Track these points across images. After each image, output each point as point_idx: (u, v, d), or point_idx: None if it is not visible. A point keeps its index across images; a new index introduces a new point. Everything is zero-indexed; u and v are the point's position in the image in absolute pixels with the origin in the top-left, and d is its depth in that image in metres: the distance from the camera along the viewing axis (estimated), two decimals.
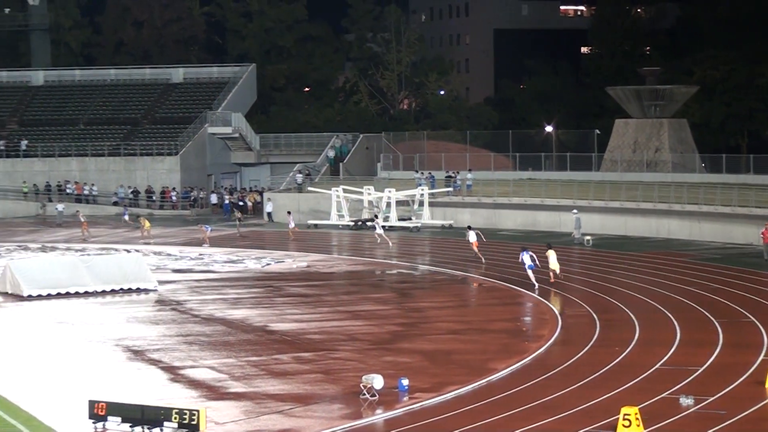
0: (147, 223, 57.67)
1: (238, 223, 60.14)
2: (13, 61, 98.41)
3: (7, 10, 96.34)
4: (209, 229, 55.12)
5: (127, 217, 64.01)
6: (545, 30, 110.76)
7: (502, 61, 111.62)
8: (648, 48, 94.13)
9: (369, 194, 61.90)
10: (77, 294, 37.39)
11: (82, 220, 58.82)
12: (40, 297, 36.66)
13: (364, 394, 22.48)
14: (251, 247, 52.90)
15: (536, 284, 37.20)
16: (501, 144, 73.73)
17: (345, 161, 74.10)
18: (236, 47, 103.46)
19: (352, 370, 25.09)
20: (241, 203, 73.02)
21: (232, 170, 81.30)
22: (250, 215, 69.96)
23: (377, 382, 22.41)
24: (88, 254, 47.26)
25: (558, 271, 38.15)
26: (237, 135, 77.61)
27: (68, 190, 74.36)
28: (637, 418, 19.35)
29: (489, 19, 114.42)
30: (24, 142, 77.07)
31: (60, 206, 68.15)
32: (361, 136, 77.56)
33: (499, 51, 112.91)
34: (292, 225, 56.29)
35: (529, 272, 37.44)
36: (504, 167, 70.93)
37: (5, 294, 37.47)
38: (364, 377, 22.75)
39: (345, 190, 62.21)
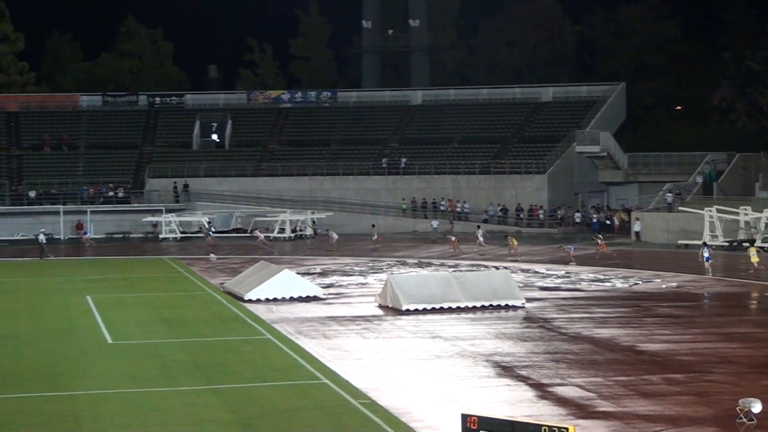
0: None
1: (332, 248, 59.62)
2: (395, 81, 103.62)
3: (390, 32, 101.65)
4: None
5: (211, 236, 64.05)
6: None
7: None
8: None
9: (746, 215, 59.68)
10: (449, 309, 38.78)
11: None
12: (416, 311, 38.38)
13: (741, 418, 21.87)
14: (619, 267, 52.56)
15: (710, 272, 47.34)
16: None
17: (719, 181, 71.86)
18: (606, 66, 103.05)
19: (727, 393, 24.45)
20: (608, 222, 72.75)
21: (599, 189, 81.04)
22: (616, 234, 69.53)
23: (755, 406, 21.72)
24: (460, 270, 48.86)
25: (757, 266, 47.36)
26: (605, 154, 77.29)
27: (442, 207, 77.06)
28: None
29: None
30: (403, 160, 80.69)
31: (434, 223, 70.87)
32: (737, 155, 74.83)
33: None
34: (706, 255, 49.51)
35: (706, 263, 47.84)
36: None
37: (386, 307, 39.54)
38: (740, 401, 22.13)
39: (719, 210, 60.33)
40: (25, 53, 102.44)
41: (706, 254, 48.44)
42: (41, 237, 62.28)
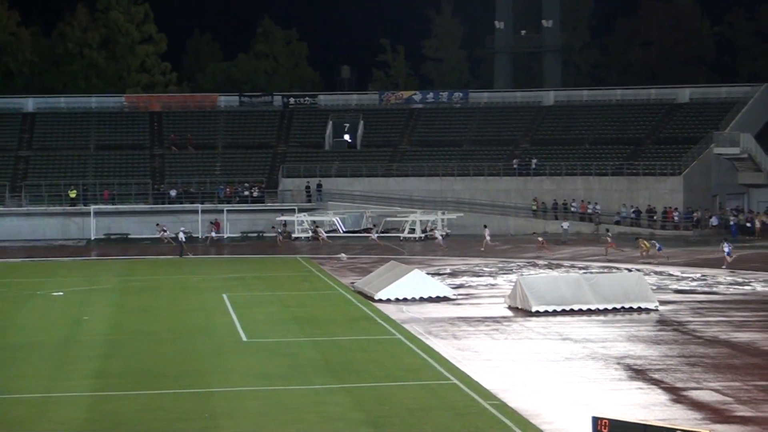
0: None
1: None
2: (526, 82, 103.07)
3: (523, 32, 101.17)
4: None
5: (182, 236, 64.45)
6: None
7: None
8: None
9: None
10: (580, 311, 38.47)
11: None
12: (546, 313, 38.19)
13: None
14: (760, 270, 51.32)
15: (729, 261, 51.50)
16: None
17: None
18: (747, 67, 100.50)
19: None
20: (748, 224, 71.05)
21: (738, 191, 79.11)
22: (757, 237, 67.87)
23: None
24: (591, 272, 48.39)
25: None
26: (745, 156, 75.43)
27: (572, 209, 76.32)
28: None
29: None
30: (534, 161, 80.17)
31: (565, 224, 70.26)
32: None
33: None
34: (727, 250, 52.57)
35: (728, 257, 51.58)
36: None
37: (515, 309, 39.44)
38: None
39: None
40: (167, 54, 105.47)
41: (726, 249, 52.36)
42: (181, 235, 63.86)
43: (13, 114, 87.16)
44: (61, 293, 45.41)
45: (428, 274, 46.46)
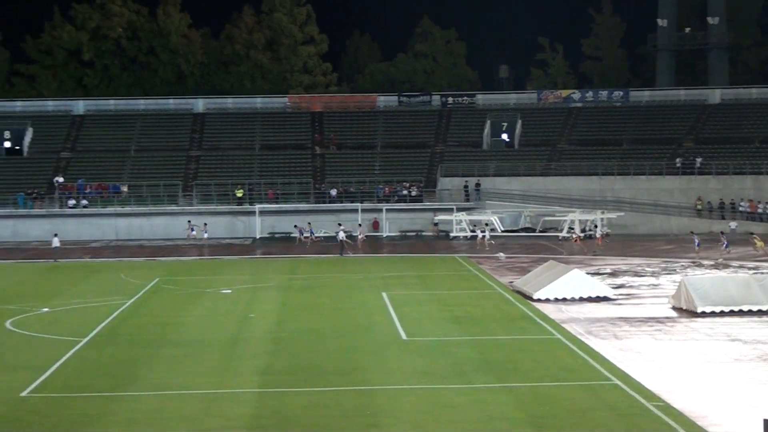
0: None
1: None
2: (690, 80, 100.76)
3: (687, 30, 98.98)
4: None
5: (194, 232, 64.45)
6: None
7: None
8: None
9: None
10: (750, 312, 37.45)
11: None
12: (713, 314, 37.30)
13: None
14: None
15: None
16: None
17: None
18: None
19: None
20: None
21: None
22: None
23: None
24: (762, 272, 47.00)
25: None
26: None
27: (741, 208, 74.24)
28: None
29: None
30: (699, 160, 78.34)
31: (733, 224, 68.44)
32: None
33: None
34: (725, 243, 54.84)
35: (725, 250, 55.06)
36: None
37: (680, 309, 38.65)
38: None
39: None
40: (328, 54, 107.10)
41: (725, 242, 56.11)
42: (341, 234, 64.75)
43: (185, 114, 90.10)
44: (229, 291, 46.70)
45: (588, 273, 45.95)
